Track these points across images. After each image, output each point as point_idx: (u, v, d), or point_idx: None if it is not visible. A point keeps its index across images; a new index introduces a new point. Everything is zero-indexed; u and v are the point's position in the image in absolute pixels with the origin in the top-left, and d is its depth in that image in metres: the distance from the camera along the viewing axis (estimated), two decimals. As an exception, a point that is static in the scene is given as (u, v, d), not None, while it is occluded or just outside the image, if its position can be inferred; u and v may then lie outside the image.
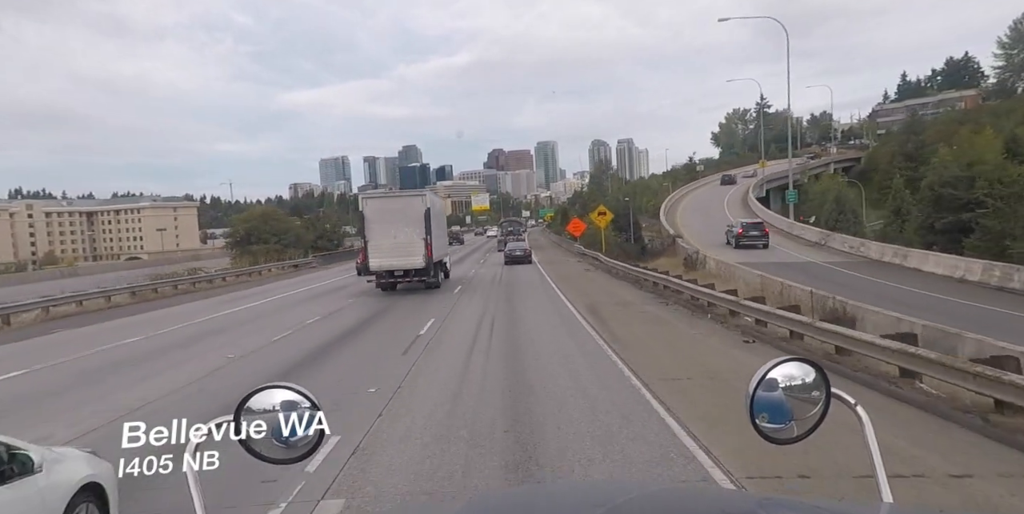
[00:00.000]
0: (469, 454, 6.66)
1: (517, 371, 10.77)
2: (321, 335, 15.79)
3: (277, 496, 5.67)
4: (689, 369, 10.80)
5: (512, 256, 40.69)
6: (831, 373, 1.68)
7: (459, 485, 5.82)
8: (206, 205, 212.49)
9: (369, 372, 11.10)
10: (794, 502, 1.59)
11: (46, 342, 17.05)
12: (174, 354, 13.93)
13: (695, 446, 6.69)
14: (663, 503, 1.38)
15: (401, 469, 6.31)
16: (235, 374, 11.50)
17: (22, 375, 12.21)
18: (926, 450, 6.58)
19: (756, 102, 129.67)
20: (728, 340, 13.67)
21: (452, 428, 7.61)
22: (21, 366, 12.93)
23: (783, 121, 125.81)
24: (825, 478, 5.61)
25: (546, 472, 6.11)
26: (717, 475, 5.87)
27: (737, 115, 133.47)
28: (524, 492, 2.59)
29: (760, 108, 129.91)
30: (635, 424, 7.58)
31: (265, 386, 1.55)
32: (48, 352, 14.75)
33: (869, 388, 9.07)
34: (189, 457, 1.51)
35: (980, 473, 5.98)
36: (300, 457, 1.56)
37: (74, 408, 9.29)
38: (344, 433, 7.14)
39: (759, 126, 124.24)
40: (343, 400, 8.96)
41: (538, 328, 15.77)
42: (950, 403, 7.98)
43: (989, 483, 5.76)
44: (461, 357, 12.20)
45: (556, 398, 8.87)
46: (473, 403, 8.77)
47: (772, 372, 1.51)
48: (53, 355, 14.10)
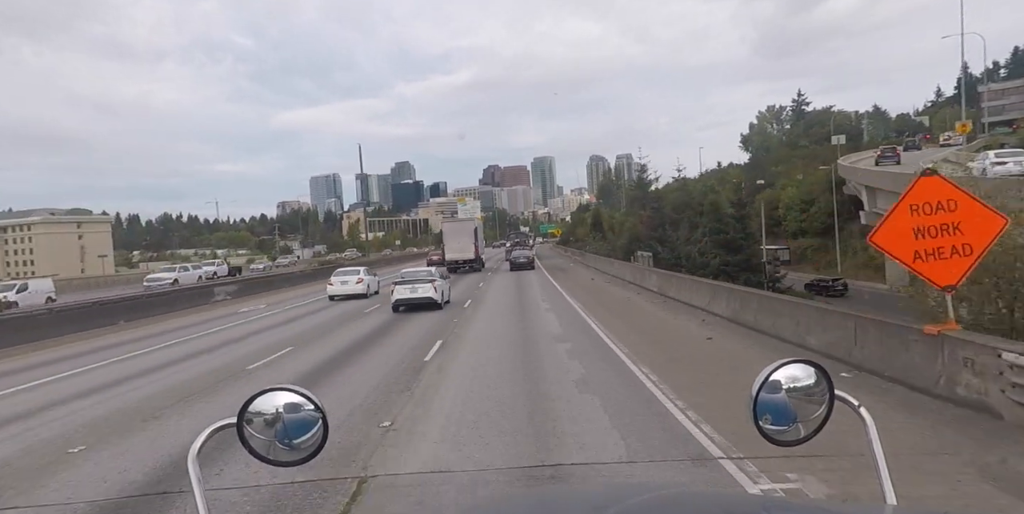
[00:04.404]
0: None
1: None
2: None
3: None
4: None
5: (516, 262, 45.39)
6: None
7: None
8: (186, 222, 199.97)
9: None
10: (800, 505, 1.64)
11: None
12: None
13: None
14: (667, 505, 1.32)
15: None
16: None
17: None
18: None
19: (793, 99, 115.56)
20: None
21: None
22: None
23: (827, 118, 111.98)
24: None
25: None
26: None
27: (772, 113, 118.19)
28: (532, 495, 2.56)
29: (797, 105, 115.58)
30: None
31: (268, 389, 1.51)
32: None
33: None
34: (193, 460, 1.43)
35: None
36: (304, 459, 1.52)
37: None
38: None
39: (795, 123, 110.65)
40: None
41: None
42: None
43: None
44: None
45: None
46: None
47: (775, 374, 1.48)
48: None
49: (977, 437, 6.49)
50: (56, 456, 7.54)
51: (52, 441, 8.25)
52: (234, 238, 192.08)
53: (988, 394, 6.86)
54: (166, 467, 6.84)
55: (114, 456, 7.41)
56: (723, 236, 32.69)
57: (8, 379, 13.49)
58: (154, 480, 6.51)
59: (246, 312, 26.19)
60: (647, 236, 37.99)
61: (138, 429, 8.61)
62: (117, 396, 10.95)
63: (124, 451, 7.59)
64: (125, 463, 7.09)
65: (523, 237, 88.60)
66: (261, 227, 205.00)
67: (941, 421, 7.09)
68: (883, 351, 9.04)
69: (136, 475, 6.69)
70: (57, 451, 7.75)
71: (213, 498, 5.26)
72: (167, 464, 6.92)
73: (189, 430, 8.15)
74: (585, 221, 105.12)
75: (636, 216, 47.05)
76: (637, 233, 42.20)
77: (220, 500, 5.67)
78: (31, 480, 6.76)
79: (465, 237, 44.45)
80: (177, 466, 6.72)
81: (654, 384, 9.61)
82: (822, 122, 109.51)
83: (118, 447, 7.79)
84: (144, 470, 6.82)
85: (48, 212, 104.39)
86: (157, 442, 7.86)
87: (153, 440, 8.00)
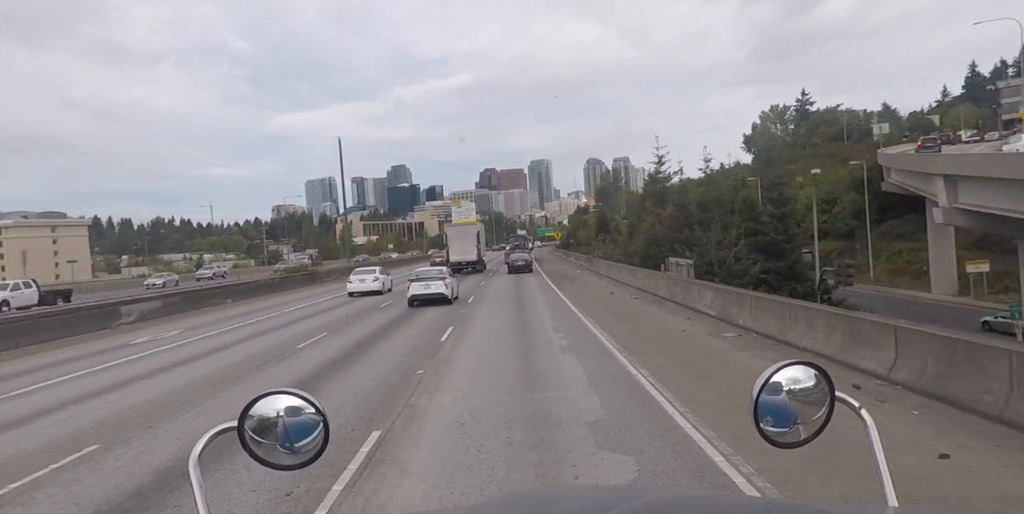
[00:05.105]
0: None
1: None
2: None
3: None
4: None
5: (515, 265, 45.82)
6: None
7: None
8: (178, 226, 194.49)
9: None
10: (802, 506, 1.61)
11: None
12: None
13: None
14: (666, 508, 1.32)
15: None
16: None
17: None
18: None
19: (797, 98, 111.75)
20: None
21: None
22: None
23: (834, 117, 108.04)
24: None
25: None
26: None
27: (775, 113, 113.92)
28: (533, 495, 2.42)
29: (801, 104, 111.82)
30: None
31: (269, 392, 1.49)
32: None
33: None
34: (194, 465, 1.41)
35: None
36: (306, 463, 1.49)
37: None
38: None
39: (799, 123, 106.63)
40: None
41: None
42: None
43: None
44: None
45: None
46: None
47: (776, 376, 1.47)
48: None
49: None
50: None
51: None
52: (226, 242, 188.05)
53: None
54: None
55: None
56: (761, 238, 27.96)
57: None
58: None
59: (141, 343, 19.05)
60: (670, 239, 32.85)
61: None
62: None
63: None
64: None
65: (522, 240, 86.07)
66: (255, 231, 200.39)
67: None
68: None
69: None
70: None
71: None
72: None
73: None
74: (587, 223, 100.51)
75: (653, 215, 41.19)
76: (655, 235, 36.97)
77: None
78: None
79: (468, 240, 47.00)
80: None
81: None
82: (828, 121, 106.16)
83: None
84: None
85: (21, 215, 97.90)
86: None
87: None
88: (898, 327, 9.08)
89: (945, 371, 7.97)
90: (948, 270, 42.11)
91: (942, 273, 42.28)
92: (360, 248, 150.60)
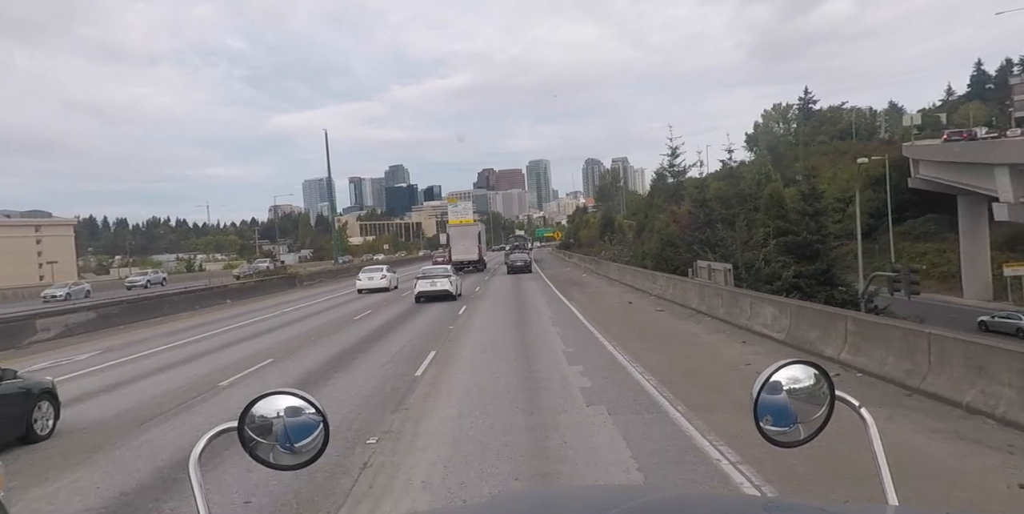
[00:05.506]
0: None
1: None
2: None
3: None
4: None
5: (514, 266, 45.81)
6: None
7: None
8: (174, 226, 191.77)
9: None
10: (801, 506, 1.63)
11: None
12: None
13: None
14: (667, 508, 1.30)
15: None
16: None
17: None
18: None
19: (800, 97, 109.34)
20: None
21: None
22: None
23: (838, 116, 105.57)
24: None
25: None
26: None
27: (778, 112, 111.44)
28: (532, 495, 2.46)
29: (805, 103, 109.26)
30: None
31: (269, 392, 1.48)
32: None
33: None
34: (194, 465, 1.40)
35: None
36: (306, 463, 1.49)
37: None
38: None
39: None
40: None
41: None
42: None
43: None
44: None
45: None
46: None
47: (776, 375, 1.46)
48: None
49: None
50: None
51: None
52: (220, 242, 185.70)
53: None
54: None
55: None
56: (792, 238, 25.18)
57: None
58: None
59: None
60: (687, 239, 30.09)
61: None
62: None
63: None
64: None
65: (522, 241, 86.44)
66: (251, 231, 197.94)
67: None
68: None
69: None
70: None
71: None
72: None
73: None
74: (590, 223, 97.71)
75: (667, 213, 37.26)
76: (669, 235, 34.03)
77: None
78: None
79: (470, 240, 48.57)
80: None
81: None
82: (832, 120, 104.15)
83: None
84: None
85: (3, 214, 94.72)
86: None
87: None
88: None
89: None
90: (982, 273, 39.33)
91: (975, 276, 39.50)
92: (356, 248, 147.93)
